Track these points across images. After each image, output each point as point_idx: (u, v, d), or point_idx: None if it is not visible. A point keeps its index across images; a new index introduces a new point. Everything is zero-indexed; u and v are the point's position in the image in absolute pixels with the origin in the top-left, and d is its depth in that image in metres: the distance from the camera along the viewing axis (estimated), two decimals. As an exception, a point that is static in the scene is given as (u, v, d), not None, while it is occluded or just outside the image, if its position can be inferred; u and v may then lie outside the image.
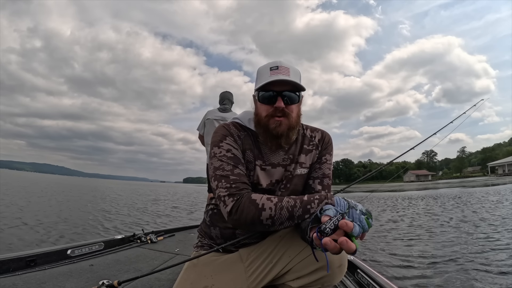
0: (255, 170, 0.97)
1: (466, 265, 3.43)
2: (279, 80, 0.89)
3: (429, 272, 3.26)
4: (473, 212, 8.01)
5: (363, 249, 4.48)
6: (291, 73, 0.91)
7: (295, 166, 1.01)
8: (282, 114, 0.92)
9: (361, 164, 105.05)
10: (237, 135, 0.98)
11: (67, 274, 1.48)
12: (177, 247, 2.22)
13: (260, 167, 0.98)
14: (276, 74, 0.90)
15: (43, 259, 1.61)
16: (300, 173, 1.01)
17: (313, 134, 1.08)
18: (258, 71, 0.97)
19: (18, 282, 1.32)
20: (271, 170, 0.99)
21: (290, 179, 1.00)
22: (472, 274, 3.08)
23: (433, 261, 3.67)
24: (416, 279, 3.06)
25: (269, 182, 0.98)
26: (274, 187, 0.99)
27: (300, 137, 1.05)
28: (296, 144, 1.04)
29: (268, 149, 1.00)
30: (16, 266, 1.48)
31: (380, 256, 4.03)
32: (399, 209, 10.19)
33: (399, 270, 3.39)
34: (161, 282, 1.45)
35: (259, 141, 1.00)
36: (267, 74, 0.91)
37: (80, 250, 1.84)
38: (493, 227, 5.64)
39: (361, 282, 1.44)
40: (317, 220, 0.71)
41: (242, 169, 0.92)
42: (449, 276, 3.10)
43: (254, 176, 0.97)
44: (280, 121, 0.92)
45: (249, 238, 0.99)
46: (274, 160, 1.00)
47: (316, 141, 1.06)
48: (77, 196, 14.55)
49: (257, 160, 0.98)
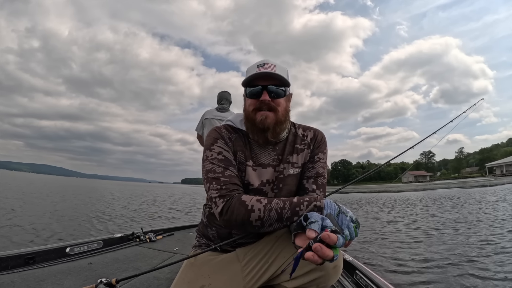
0: (246, 171, 0.98)
1: (464, 268, 3.44)
2: (263, 73, 0.93)
3: (427, 274, 3.27)
4: (469, 213, 8.05)
5: (361, 251, 4.49)
6: (277, 69, 0.95)
7: (286, 166, 1.01)
8: (268, 108, 0.95)
9: (359, 165, 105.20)
10: (228, 138, 1.00)
11: (65, 272, 1.48)
12: (176, 246, 2.22)
13: (252, 168, 0.99)
14: (262, 70, 0.94)
15: (41, 256, 1.61)
16: (292, 173, 1.01)
17: (305, 133, 1.08)
18: (247, 70, 1.00)
19: (17, 279, 1.32)
20: (261, 170, 1.00)
21: (282, 179, 1.00)
22: (469, 277, 3.09)
23: (431, 263, 3.67)
24: (414, 281, 3.07)
25: (260, 182, 0.99)
26: (266, 188, 1.00)
27: (292, 136, 1.06)
28: (287, 144, 1.04)
29: (259, 149, 1.01)
30: (15, 264, 1.48)
31: (379, 258, 4.04)
32: (399, 210, 10.22)
33: (397, 272, 3.40)
34: (159, 281, 1.45)
35: (250, 141, 1.02)
36: (254, 71, 0.95)
37: (79, 248, 1.84)
38: (492, 229, 5.66)
39: (360, 283, 1.43)
40: (301, 227, 0.70)
41: (233, 171, 0.94)
42: (446, 278, 3.12)
43: (246, 176, 0.98)
44: (266, 114, 0.94)
45: (245, 238, 0.99)
46: (264, 161, 1.01)
47: (308, 140, 1.07)
48: (73, 196, 14.51)
49: (248, 160, 0.99)
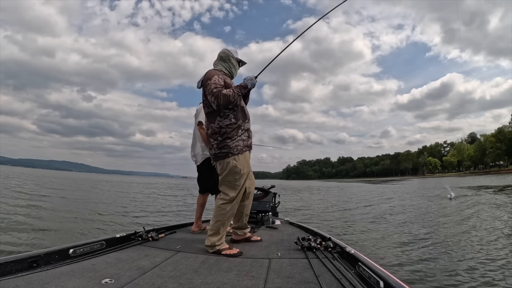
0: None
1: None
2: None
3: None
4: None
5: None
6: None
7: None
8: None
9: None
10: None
11: (69, 274, 1.48)
12: (179, 244, 2.23)
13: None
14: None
15: (45, 259, 1.61)
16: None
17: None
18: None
19: (21, 283, 1.32)
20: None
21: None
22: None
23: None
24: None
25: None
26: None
27: None
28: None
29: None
30: (18, 268, 1.48)
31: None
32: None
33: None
34: (163, 279, 1.46)
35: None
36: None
37: (82, 250, 1.84)
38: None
39: (362, 275, 1.44)
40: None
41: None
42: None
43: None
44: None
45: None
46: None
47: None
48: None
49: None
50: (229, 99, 1.97)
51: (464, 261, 3.28)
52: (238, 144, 2.06)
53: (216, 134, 2.07)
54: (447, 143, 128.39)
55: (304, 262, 1.75)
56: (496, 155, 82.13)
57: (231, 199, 2.07)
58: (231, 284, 1.40)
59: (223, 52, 2.27)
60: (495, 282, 2.73)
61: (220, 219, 2.04)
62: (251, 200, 2.33)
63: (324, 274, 1.51)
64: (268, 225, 3.20)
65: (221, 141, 2.06)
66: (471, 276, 2.85)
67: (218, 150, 2.08)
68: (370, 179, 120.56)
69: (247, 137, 2.15)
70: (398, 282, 1.20)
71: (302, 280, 1.44)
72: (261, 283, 1.41)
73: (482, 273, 2.91)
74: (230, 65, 2.25)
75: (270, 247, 2.21)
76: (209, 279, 1.47)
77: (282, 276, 1.50)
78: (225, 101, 1.96)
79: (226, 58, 2.25)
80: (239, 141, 2.07)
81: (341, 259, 1.76)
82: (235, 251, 1.97)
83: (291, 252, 2.02)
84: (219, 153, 2.07)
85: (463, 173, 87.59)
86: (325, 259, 1.77)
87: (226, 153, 2.04)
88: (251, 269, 1.63)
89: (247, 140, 2.14)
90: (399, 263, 3.35)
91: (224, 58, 2.26)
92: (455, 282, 2.76)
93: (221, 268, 1.65)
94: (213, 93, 1.97)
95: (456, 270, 3.03)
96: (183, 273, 1.55)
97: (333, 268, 1.58)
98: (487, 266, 3.12)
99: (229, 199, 2.07)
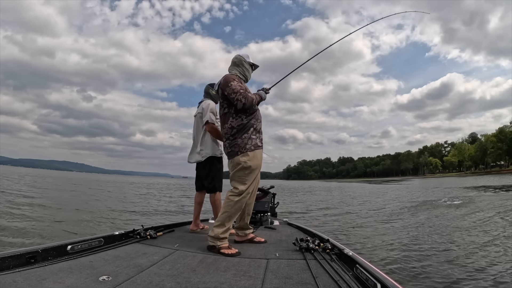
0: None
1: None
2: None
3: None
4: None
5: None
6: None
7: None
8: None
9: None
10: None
11: (67, 270, 1.48)
12: (177, 243, 2.23)
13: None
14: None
15: (43, 255, 1.61)
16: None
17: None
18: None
19: (18, 279, 1.32)
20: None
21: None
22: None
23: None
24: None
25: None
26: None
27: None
28: None
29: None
30: (16, 263, 1.48)
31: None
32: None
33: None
34: (160, 278, 1.45)
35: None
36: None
37: (80, 246, 1.84)
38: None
39: (360, 277, 1.43)
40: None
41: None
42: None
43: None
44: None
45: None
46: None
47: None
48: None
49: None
50: (253, 102, 2.18)
51: (464, 266, 3.27)
52: (248, 143, 2.18)
53: (229, 134, 2.22)
54: (448, 143, 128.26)
55: (302, 263, 1.75)
56: (497, 155, 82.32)
57: (240, 192, 2.16)
58: (228, 284, 1.40)
59: (236, 58, 2.39)
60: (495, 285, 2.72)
61: (227, 210, 2.12)
62: (254, 200, 2.40)
63: (321, 275, 1.51)
64: (266, 225, 3.20)
65: (232, 140, 2.20)
66: (469, 280, 2.84)
67: (230, 149, 2.22)
68: (370, 179, 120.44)
69: (258, 137, 2.25)
70: (395, 284, 1.20)
71: (299, 281, 1.44)
72: (259, 283, 1.40)
73: (482, 277, 2.90)
74: (244, 69, 2.37)
75: (268, 247, 2.21)
76: (207, 278, 1.46)
77: (279, 277, 1.50)
78: (249, 103, 2.14)
79: (239, 63, 2.37)
80: (249, 139, 2.19)
81: (339, 261, 1.76)
82: (233, 251, 2.00)
83: (289, 253, 2.02)
84: (231, 151, 2.22)
85: (464, 173, 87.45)
86: (323, 260, 1.76)
87: (236, 151, 2.18)
88: (249, 269, 1.63)
89: (257, 139, 2.25)
90: (397, 266, 3.34)
91: (237, 63, 2.37)
92: (454, 286, 2.75)
93: (219, 268, 1.65)
94: (241, 93, 2.12)
95: (455, 274, 3.02)
96: (181, 272, 1.55)
97: (331, 269, 1.58)
98: (487, 269, 3.11)
99: (238, 192, 2.16)
